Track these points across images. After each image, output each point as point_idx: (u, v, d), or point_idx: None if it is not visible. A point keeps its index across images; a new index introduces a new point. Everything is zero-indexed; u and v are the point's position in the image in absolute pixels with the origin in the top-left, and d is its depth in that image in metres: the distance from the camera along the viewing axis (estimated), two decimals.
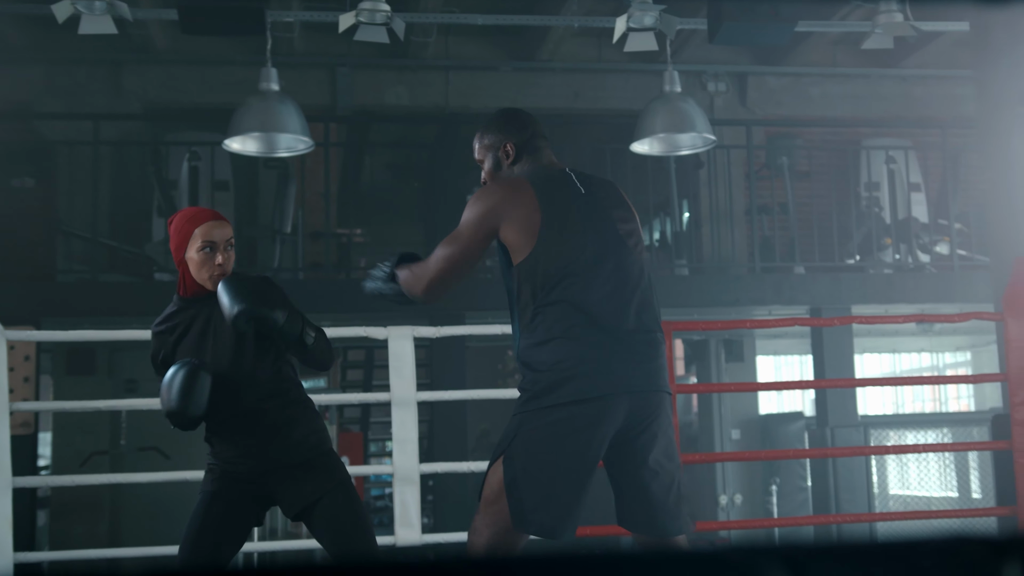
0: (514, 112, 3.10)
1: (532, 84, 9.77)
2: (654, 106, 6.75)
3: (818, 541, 0.60)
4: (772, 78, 10.03)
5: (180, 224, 2.98)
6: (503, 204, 2.84)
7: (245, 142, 6.59)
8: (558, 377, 2.72)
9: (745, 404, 9.47)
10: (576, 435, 2.69)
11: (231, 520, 2.97)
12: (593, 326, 2.76)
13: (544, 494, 2.68)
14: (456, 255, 2.89)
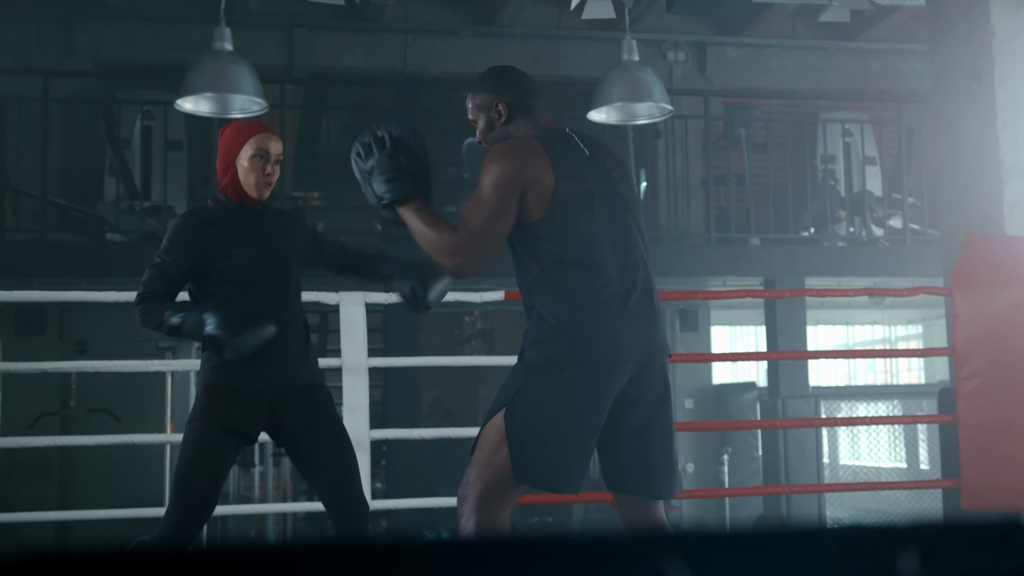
0: (504, 70, 3.05)
1: (491, 50, 9.71)
2: (612, 75, 6.72)
3: (713, 531, 0.59)
4: (731, 49, 10.03)
5: (236, 129, 3.08)
6: (523, 165, 2.79)
7: (198, 102, 6.50)
8: (568, 336, 2.73)
9: (699, 374, 9.53)
10: (582, 394, 2.71)
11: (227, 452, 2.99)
12: (604, 288, 2.77)
13: (548, 449, 2.69)
14: (492, 218, 2.76)
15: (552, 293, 2.76)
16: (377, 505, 4.90)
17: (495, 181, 2.76)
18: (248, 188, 3.05)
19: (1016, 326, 4.94)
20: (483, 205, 2.76)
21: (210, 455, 2.93)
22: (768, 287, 8.21)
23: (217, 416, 2.95)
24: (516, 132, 2.90)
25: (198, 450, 2.93)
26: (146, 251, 7.84)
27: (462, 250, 2.75)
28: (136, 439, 4.63)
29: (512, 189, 2.76)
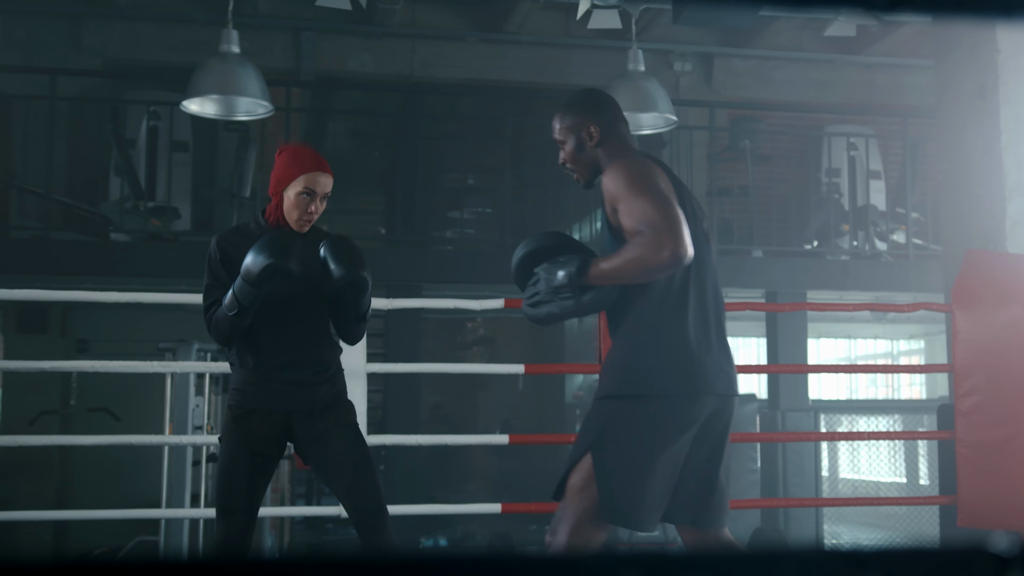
0: (595, 92, 3.06)
1: (498, 56, 9.73)
2: (617, 84, 6.73)
3: (677, 551, 0.60)
4: (738, 60, 10.04)
5: (288, 162, 3.11)
6: (659, 176, 2.78)
7: (204, 104, 6.52)
8: (656, 369, 2.73)
9: None
10: (667, 430, 2.70)
11: (257, 468, 3.08)
12: (694, 322, 2.77)
13: (634, 487, 2.67)
14: (665, 203, 2.68)
15: (641, 317, 2.77)
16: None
17: (644, 181, 2.73)
18: (290, 221, 3.11)
19: (1015, 344, 4.94)
20: (644, 196, 2.69)
21: (241, 471, 3.04)
22: (770, 300, 8.21)
23: (240, 436, 3.06)
24: (607, 155, 2.90)
25: (230, 467, 3.05)
26: (149, 251, 7.90)
27: (665, 237, 2.61)
28: (135, 440, 4.64)
29: (661, 187, 2.73)
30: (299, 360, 3.12)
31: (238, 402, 3.10)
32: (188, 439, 4.97)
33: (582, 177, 2.99)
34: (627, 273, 2.68)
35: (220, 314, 3.01)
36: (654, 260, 2.62)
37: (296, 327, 3.12)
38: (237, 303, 2.95)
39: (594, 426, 2.74)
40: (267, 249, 2.90)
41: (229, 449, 3.06)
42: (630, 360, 2.76)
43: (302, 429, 3.11)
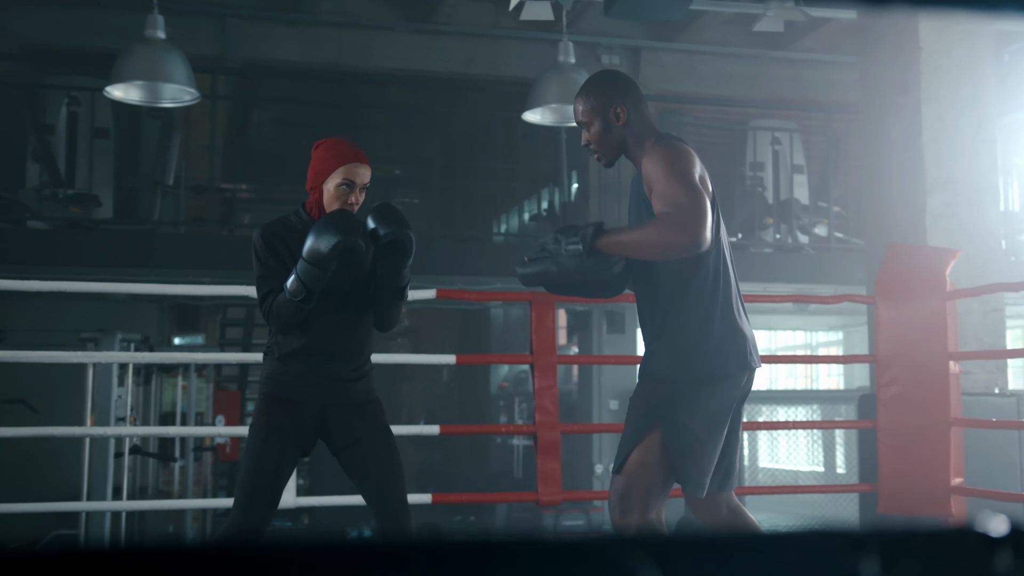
0: (616, 73, 3.13)
1: (427, 47, 9.68)
2: (547, 76, 6.75)
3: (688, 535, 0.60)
4: (665, 54, 10.12)
5: (326, 154, 3.10)
6: (698, 162, 2.86)
7: (128, 90, 6.40)
8: (717, 348, 2.90)
9: (624, 375, 9.59)
10: (727, 403, 2.92)
11: (287, 458, 3.06)
12: (735, 301, 2.97)
13: (705, 457, 2.88)
14: (695, 190, 2.76)
15: (701, 305, 2.91)
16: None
17: (682, 169, 2.80)
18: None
19: (935, 335, 5.06)
20: (684, 187, 2.76)
21: (272, 459, 3.01)
22: None
23: (275, 424, 3.03)
24: (633, 136, 2.97)
25: (260, 454, 3.01)
26: (69, 239, 7.74)
27: (694, 225, 2.71)
28: (57, 431, 4.54)
29: (697, 177, 2.81)
30: (339, 353, 3.10)
31: (273, 391, 3.07)
32: (112, 430, 4.88)
33: (605, 157, 3.05)
34: (643, 247, 2.78)
35: (282, 301, 2.97)
36: (674, 241, 2.72)
37: (336, 319, 3.10)
38: (304, 288, 2.92)
39: (660, 405, 2.88)
40: (332, 227, 2.89)
41: (260, 437, 3.03)
42: (692, 341, 2.90)
43: (337, 425, 3.09)
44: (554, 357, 4.83)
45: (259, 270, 3.06)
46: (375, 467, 3.08)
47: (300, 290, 2.93)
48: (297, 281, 2.92)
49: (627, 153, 3.01)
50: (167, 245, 7.95)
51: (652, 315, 2.97)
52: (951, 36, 5.99)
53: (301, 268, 2.91)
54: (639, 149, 2.96)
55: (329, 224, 2.91)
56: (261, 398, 3.10)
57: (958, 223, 5.75)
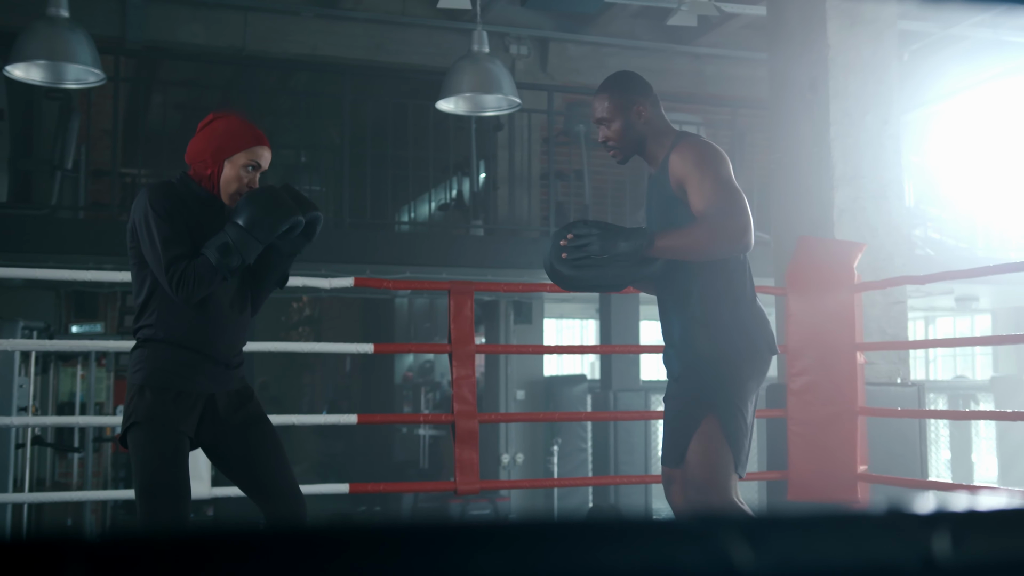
0: (635, 74, 3.20)
1: (334, 32, 9.58)
2: (461, 65, 6.72)
3: (775, 514, 0.60)
4: (573, 46, 10.17)
5: (234, 130, 2.91)
6: (727, 161, 2.95)
7: (29, 69, 6.18)
8: (754, 329, 2.98)
9: (531, 365, 9.64)
10: (760, 384, 3.01)
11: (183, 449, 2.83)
12: (750, 284, 3.06)
13: (749, 440, 2.97)
14: (736, 193, 2.89)
15: (731, 295, 2.99)
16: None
17: (718, 167, 2.90)
18: (225, 193, 2.91)
19: (843, 325, 5.19)
20: (719, 185, 2.87)
21: (170, 454, 2.77)
22: None
23: (169, 418, 2.80)
24: (652, 134, 3.06)
25: (156, 452, 2.76)
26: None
27: (739, 226, 2.83)
28: None
29: (729, 173, 2.93)
30: (228, 338, 2.93)
31: (164, 383, 2.81)
32: (17, 420, 4.72)
33: (623, 154, 3.13)
34: (693, 251, 2.88)
35: (203, 267, 2.75)
36: (720, 244, 2.84)
37: (228, 301, 2.93)
38: (242, 258, 2.76)
39: (713, 388, 2.94)
40: (281, 201, 2.79)
41: (158, 433, 2.77)
42: (732, 323, 2.97)
43: (224, 414, 2.91)
44: (472, 346, 4.81)
45: (164, 231, 2.78)
46: (269, 454, 2.93)
47: (235, 259, 2.76)
48: (231, 249, 2.75)
49: (643, 151, 3.09)
50: (65, 230, 7.72)
51: (685, 305, 3.01)
52: (859, 35, 6.14)
53: (237, 236, 2.75)
54: (658, 148, 3.05)
55: (277, 197, 2.80)
56: (148, 391, 2.81)
57: (864, 217, 5.90)
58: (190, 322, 2.85)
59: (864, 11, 6.21)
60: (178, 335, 2.84)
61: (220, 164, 2.89)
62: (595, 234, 2.92)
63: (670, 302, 3.08)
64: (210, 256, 2.76)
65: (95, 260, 7.64)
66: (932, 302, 11.72)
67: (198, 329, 2.86)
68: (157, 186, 2.86)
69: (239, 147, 2.89)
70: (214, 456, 2.96)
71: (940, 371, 14.74)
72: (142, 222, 2.80)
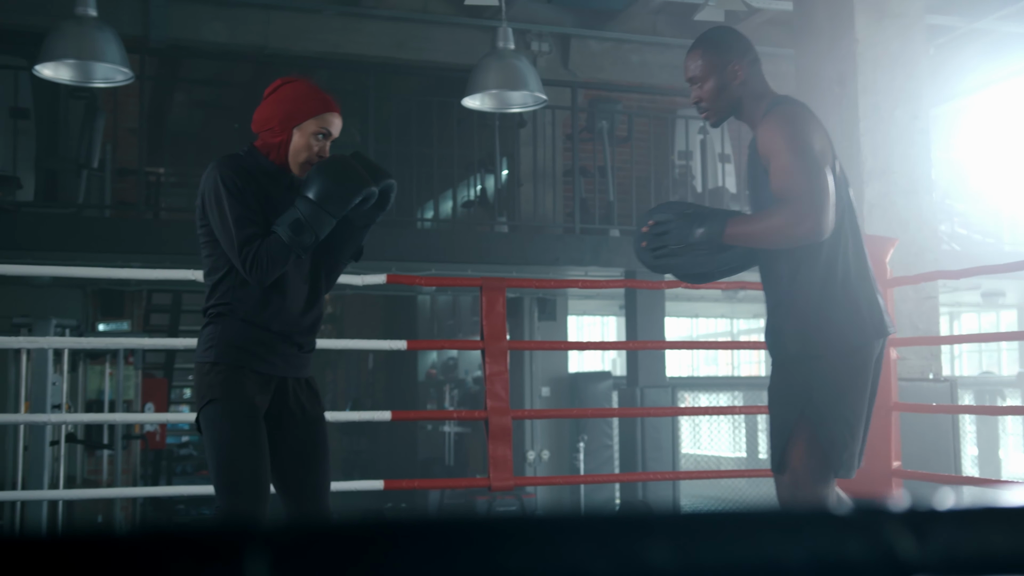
0: (734, 30, 2.97)
1: (355, 30, 9.58)
2: (486, 61, 6.71)
3: (943, 505, 0.60)
4: (594, 42, 10.16)
5: (305, 96, 2.76)
6: (822, 133, 2.76)
7: (58, 69, 6.20)
8: (847, 316, 2.74)
9: (555, 362, 9.64)
10: (865, 377, 2.76)
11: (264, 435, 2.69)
12: (857, 261, 2.80)
13: (852, 438, 2.73)
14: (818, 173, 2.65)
15: (813, 268, 2.74)
16: None
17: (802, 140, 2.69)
18: (294, 164, 2.77)
19: None
20: (798, 162, 2.66)
21: (250, 433, 2.63)
22: (629, 278, 8.35)
23: (243, 392, 2.65)
24: (749, 96, 2.84)
25: (235, 431, 2.62)
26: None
27: (816, 212, 2.62)
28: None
29: (818, 151, 2.70)
30: (306, 319, 2.79)
31: (238, 361, 2.66)
32: (55, 417, 4.74)
33: (715, 116, 2.92)
34: (765, 239, 2.70)
35: (276, 246, 2.60)
36: (795, 232, 2.64)
37: (308, 279, 2.80)
38: (315, 234, 2.61)
39: (800, 389, 2.75)
40: (353, 172, 2.64)
41: (236, 410, 2.63)
42: (818, 312, 2.75)
43: (294, 402, 2.76)
44: (505, 343, 4.81)
45: (237, 209, 2.64)
46: (321, 460, 2.79)
47: (308, 236, 2.60)
48: (303, 225, 2.59)
49: (740, 114, 2.88)
50: (91, 229, 7.74)
51: (775, 289, 2.83)
52: (886, 29, 6.11)
53: (309, 212, 2.59)
54: (755, 111, 2.84)
55: (348, 167, 2.65)
56: (215, 367, 2.66)
57: (895, 212, 5.88)
58: (265, 301, 2.71)
59: (892, 5, 6.18)
60: (253, 313, 2.71)
61: (289, 132, 2.75)
62: (673, 222, 2.79)
63: (765, 284, 2.89)
64: (282, 234, 2.61)
65: (122, 259, 7.67)
66: (958, 297, 11.66)
67: (273, 308, 2.72)
68: (226, 160, 2.74)
69: (309, 113, 2.75)
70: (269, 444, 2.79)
71: (966, 367, 14.69)
72: (212, 199, 2.68)
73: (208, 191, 2.69)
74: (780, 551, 0.56)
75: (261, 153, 2.77)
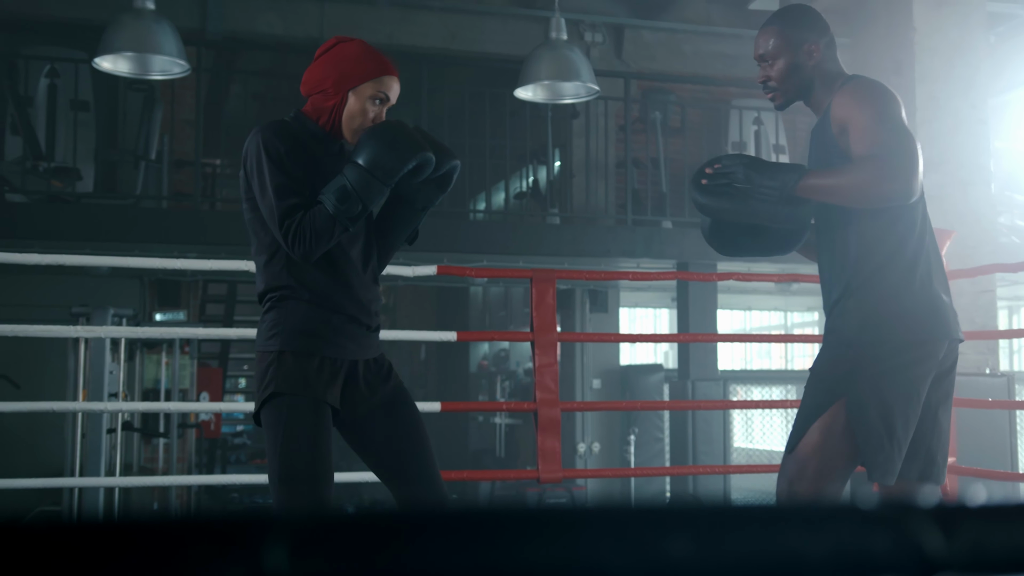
0: (814, 10, 2.77)
1: (409, 21, 9.62)
2: (539, 52, 6.70)
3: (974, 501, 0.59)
4: (647, 32, 10.11)
5: (361, 57, 2.55)
6: (899, 101, 2.57)
7: (116, 61, 6.29)
8: (916, 309, 2.56)
9: (607, 354, 9.62)
10: (917, 379, 2.55)
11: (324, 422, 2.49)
12: (935, 264, 2.63)
13: (891, 439, 2.53)
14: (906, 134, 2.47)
15: (883, 252, 2.58)
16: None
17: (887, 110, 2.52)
18: (347, 130, 2.55)
19: None
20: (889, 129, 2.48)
21: (313, 431, 2.44)
22: (682, 270, 8.31)
23: (309, 385, 2.47)
24: (821, 78, 2.69)
25: (297, 429, 2.43)
26: (50, 213, 7.63)
27: (905, 170, 2.42)
28: (55, 406, 4.47)
29: (902, 117, 2.54)
30: (366, 299, 2.59)
31: (306, 347, 2.48)
32: (111, 405, 4.82)
33: (784, 97, 2.73)
34: (847, 193, 2.49)
35: (322, 218, 2.40)
36: (882, 188, 2.44)
37: (363, 256, 2.61)
38: (363, 204, 2.39)
39: (845, 375, 2.56)
40: (406, 137, 2.42)
41: (300, 405, 2.44)
42: (887, 300, 2.57)
43: (366, 387, 2.57)
44: (555, 335, 4.80)
45: (278, 177, 2.44)
46: (415, 438, 2.59)
47: (355, 206, 2.39)
48: (350, 194, 2.38)
49: (809, 98, 2.72)
50: (149, 220, 7.85)
51: (842, 269, 2.62)
52: (945, 17, 6.02)
53: (358, 180, 2.38)
54: (826, 93, 2.67)
55: (403, 130, 2.43)
56: (280, 356, 2.47)
57: (952, 204, 5.79)
58: (325, 278, 2.52)
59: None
60: (315, 293, 2.51)
61: (344, 95, 2.53)
62: (743, 163, 2.58)
63: (824, 264, 2.70)
64: (327, 204, 2.40)
65: (178, 249, 7.77)
66: (1017, 291, 11.47)
67: (334, 286, 2.53)
68: (270, 125, 2.51)
69: (366, 75, 2.53)
70: (352, 434, 2.62)
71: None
72: (254, 167, 2.47)
73: (250, 159, 2.49)
74: (798, 545, 0.56)
75: (310, 118, 2.56)
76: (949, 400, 2.68)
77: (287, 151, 2.45)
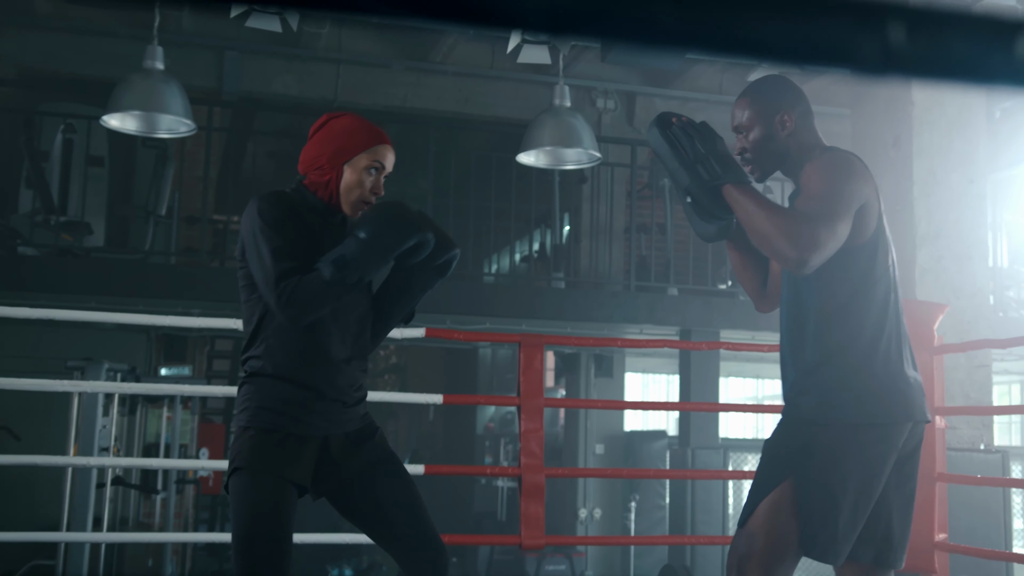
0: (786, 79, 2.77)
1: (423, 85, 9.74)
2: (543, 119, 6.78)
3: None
4: (659, 100, 10.18)
5: (354, 129, 2.60)
6: (864, 180, 2.55)
7: (124, 119, 6.41)
8: (878, 390, 2.53)
9: (611, 419, 9.58)
10: (874, 459, 2.50)
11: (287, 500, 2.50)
12: (891, 333, 2.57)
13: (837, 519, 2.48)
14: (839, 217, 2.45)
15: (844, 331, 2.55)
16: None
17: (840, 187, 2.50)
18: (346, 203, 2.59)
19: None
20: (828, 203, 2.47)
21: (271, 504, 2.46)
22: (684, 337, 8.30)
23: (276, 466, 2.49)
24: (797, 148, 2.68)
25: (256, 501, 2.46)
26: (59, 266, 7.72)
27: (812, 242, 2.40)
28: (39, 460, 4.50)
29: (853, 200, 2.52)
30: (347, 373, 2.60)
31: (271, 424, 2.51)
32: (95, 460, 4.84)
33: (760, 169, 2.72)
34: (753, 227, 2.48)
35: (315, 284, 2.41)
36: (781, 246, 2.43)
37: (348, 330, 2.61)
38: (359, 273, 2.41)
39: (796, 452, 2.53)
40: (408, 216, 2.43)
41: (259, 480, 2.46)
42: (845, 383, 2.53)
43: (339, 458, 2.58)
44: (541, 400, 4.81)
45: (274, 241, 2.45)
46: (400, 498, 2.60)
47: (351, 275, 2.40)
48: (348, 263, 2.39)
49: (786, 168, 2.70)
50: (158, 275, 7.93)
51: (801, 347, 2.61)
52: (944, 92, 6.05)
53: (356, 250, 2.39)
54: (802, 164, 2.66)
55: (405, 211, 2.45)
56: (255, 433, 2.51)
57: (947, 278, 5.78)
58: (303, 354, 2.54)
59: None
60: (287, 368, 2.53)
61: (339, 169, 2.58)
62: (710, 138, 2.62)
63: (786, 340, 2.67)
64: (323, 271, 2.41)
65: (185, 305, 7.84)
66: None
67: (311, 362, 2.55)
68: (268, 194, 2.56)
69: (360, 147, 2.58)
70: (340, 506, 2.65)
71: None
72: (250, 234, 2.50)
73: (246, 227, 2.52)
74: None
75: (310, 191, 2.60)
76: (912, 482, 2.64)
77: (283, 217, 2.50)
